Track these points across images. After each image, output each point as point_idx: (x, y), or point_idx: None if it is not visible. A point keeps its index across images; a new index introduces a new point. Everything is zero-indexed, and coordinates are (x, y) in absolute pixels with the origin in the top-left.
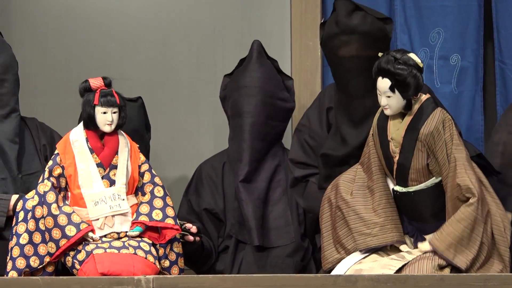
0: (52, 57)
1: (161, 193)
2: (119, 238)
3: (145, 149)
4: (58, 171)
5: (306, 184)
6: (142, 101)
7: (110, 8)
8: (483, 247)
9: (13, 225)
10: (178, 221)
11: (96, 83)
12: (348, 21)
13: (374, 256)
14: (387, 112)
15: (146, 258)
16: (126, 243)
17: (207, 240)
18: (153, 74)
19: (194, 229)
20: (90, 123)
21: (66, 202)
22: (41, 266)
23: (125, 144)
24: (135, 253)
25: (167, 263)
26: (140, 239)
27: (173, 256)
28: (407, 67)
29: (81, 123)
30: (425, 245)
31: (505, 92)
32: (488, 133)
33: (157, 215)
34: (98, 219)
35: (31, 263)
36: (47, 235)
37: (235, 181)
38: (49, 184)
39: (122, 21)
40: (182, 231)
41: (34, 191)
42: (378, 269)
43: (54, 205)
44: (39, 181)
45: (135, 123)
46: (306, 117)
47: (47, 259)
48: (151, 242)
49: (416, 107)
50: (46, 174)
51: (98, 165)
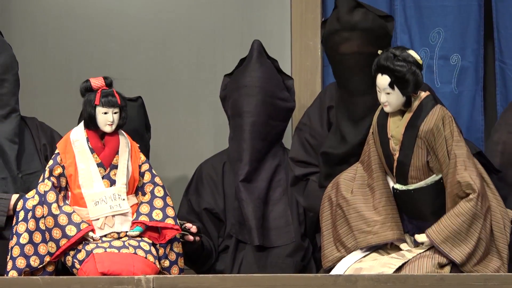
0: (52, 57)
1: (161, 193)
2: (119, 238)
3: (145, 148)
4: (58, 170)
5: (307, 183)
6: (142, 101)
7: (110, 8)
8: (481, 242)
9: (13, 224)
10: (178, 221)
11: (97, 83)
12: (349, 17)
13: (374, 254)
14: (386, 109)
15: (146, 258)
16: (126, 243)
17: (207, 240)
18: (153, 74)
19: (194, 229)
20: (91, 123)
21: (67, 201)
22: (41, 266)
23: (125, 144)
24: (135, 253)
25: (167, 263)
26: (140, 238)
27: (173, 256)
28: (406, 63)
29: (82, 122)
30: (422, 237)
31: (505, 92)
32: (488, 133)
33: (157, 215)
34: (98, 219)
35: (31, 262)
36: (47, 234)
37: (235, 180)
38: (50, 183)
39: (122, 21)
40: (182, 231)
41: (34, 190)
42: (378, 267)
43: (54, 205)
44: (39, 181)
45: (135, 123)
46: (307, 116)
47: (47, 258)
48: (151, 242)
49: (416, 104)
50: (47, 174)
51: (99, 165)
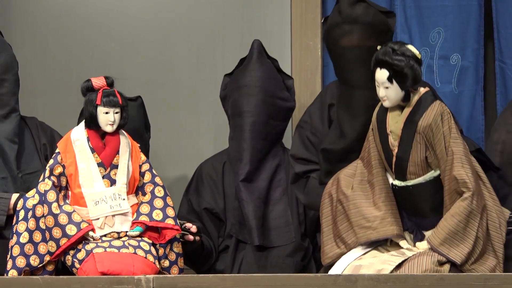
0: (52, 57)
1: (162, 193)
2: (119, 238)
3: (144, 148)
4: (59, 170)
5: (307, 180)
6: (142, 100)
7: (110, 8)
8: (479, 241)
9: (13, 224)
10: (178, 220)
11: (99, 82)
12: (350, 11)
13: (374, 252)
14: (385, 104)
15: (146, 258)
16: (126, 243)
17: (207, 240)
18: (153, 74)
19: (194, 228)
20: (92, 123)
21: (67, 201)
22: (41, 265)
23: (126, 144)
24: (135, 253)
25: (167, 263)
26: (140, 238)
27: (173, 256)
28: (404, 58)
29: (82, 122)
30: (423, 244)
31: (505, 92)
32: (488, 133)
33: (157, 215)
34: (98, 218)
35: (31, 262)
36: (47, 234)
37: (235, 180)
38: (50, 183)
39: (122, 21)
40: (182, 230)
41: (34, 190)
42: (378, 264)
43: (54, 204)
44: (39, 180)
45: (135, 122)
46: (307, 114)
47: (47, 258)
48: (151, 241)
49: (415, 99)
50: (47, 173)
51: (99, 164)
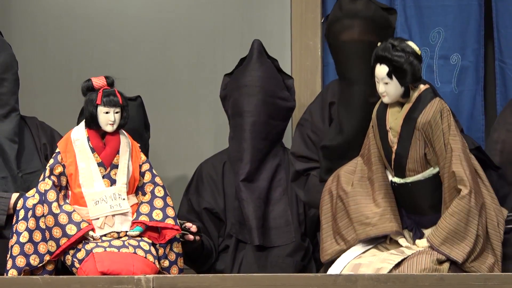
0: (52, 57)
1: (162, 193)
2: (119, 238)
3: (144, 148)
4: (59, 169)
5: (307, 178)
6: (141, 100)
7: (110, 8)
8: (479, 239)
9: (13, 223)
10: (178, 220)
11: (99, 82)
12: (351, 6)
13: (373, 250)
14: (385, 100)
15: (145, 258)
16: (126, 242)
17: (207, 240)
18: (153, 74)
19: (194, 228)
20: (92, 123)
21: (67, 200)
22: (41, 265)
23: (126, 143)
24: (135, 253)
25: (166, 263)
26: (140, 238)
27: (172, 256)
28: (404, 53)
29: (83, 122)
30: (423, 242)
31: (505, 92)
32: (488, 132)
33: (157, 215)
34: (98, 218)
35: (31, 261)
36: (47, 233)
37: (236, 180)
38: (50, 182)
39: (122, 21)
40: (182, 230)
41: (34, 189)
42: (377, 263)
43: (54, 204)
44: (39, 180)
45: (134, 122)
46: (308, 112)
47: (47, 257)
48: (151, 241)
49: (414, 96)
50: (47, 173)
51: (99, 164)
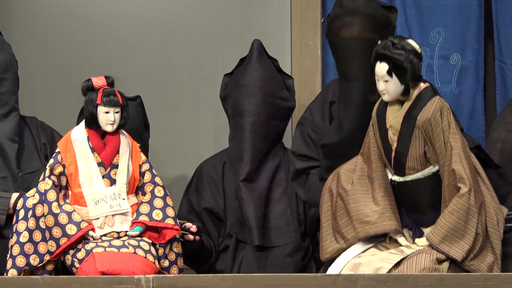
0: (52, 57)
1: (162, 193)
2: (119, 238)
3: (144, 148)
4: (59, 169)
5: (307, 176)
6: (141, 100)
7: (110, 8)
8: (478, 237)
9: (13, 223)
10: (178, 220)
11: (99, 82)
12: (352, 3)
13: (373, 250)
14: (385, 97)
15: (145, 258)
16: (126, 242)
17: (207, 240)
18: (153, 74)
19: (194, 228)
20: (92, 122)
21: (67, 200)
22: (41, 265)
23: (126, 143)
24: (134, 252)
25: (166, 263)
26: (140, 238)
27: (172, 256)
28: (404, 51)
29: (83, 121)
30: (422, 240)
31: (505, 92)
32: (488, 132)
33: (157, 215)
34: (98, 218)
35: (31, 261)
36: (47, 233)
37: (236, 180)
38: (50, 182)
39: (122, 21)
40: (182, 230)
41: (34, 189)
42: (377, 262)
43: (54, 204)
44: (39, 180)
45: (134, 122)
46: (309, 111)
47: (47, 257)
48: (151, 241)
49: (414, 94)
50: (47, 173)
51: (99, 164)
